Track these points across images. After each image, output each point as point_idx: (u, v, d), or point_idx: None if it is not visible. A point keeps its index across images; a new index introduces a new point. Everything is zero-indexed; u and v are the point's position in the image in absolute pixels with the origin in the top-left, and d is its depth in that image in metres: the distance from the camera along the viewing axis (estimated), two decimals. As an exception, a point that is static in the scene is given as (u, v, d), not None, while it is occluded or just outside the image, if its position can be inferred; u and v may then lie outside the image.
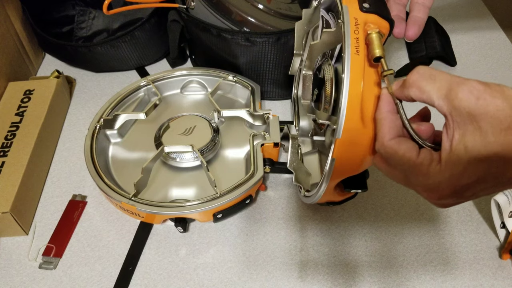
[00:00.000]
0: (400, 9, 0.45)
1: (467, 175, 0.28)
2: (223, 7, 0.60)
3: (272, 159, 0.56)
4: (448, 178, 0.29)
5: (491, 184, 0.28)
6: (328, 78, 0.46)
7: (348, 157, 0.37)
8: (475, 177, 0.28)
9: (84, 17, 0.79)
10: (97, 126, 0.57)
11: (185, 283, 0.49)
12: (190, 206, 0.49)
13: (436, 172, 0.29)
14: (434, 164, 0.29)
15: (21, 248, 0.52)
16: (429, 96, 0.30)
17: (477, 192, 0.29)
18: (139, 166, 0.52)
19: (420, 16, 0.44)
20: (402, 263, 0.51)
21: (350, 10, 0.37)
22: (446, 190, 0.29)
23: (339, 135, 0.35)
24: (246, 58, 0.62)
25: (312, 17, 0.52)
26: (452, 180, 0.29)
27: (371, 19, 0.37)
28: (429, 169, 0.30)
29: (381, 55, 0.34)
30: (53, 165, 0.61)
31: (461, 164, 0.28)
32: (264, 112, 0.58)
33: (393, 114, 0.33)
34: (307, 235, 0.53)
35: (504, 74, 0.73)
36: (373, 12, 0.37)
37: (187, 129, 0.57)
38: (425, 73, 0.31)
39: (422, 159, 0.30)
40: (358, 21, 0.36)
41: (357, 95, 0.34)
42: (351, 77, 0.34)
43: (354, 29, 0.36)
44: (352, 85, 0.34)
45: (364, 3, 0.37)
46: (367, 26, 0.36)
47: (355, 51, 0.35)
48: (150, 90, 0.64)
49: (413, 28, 0.44)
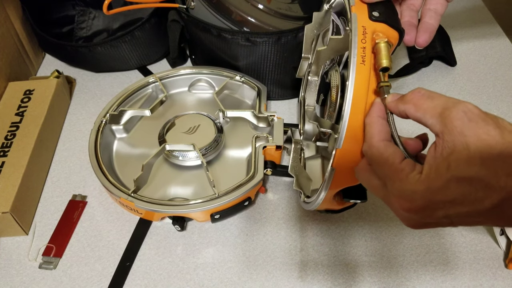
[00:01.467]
0: (412, 15, 0.45)
1: (444, 192, 0.27)
2: (223, 7, 0.60)
3: (274, 162, 0.56)
4: (424, 189, 0.28)
5: (467, 210, 0.27)
6: (334, 85, 0.46)
7: (348, 167, 0.36)
8: (451, 196, 0.27)
9: (84, 17, 0.79)
10: (103, 121, 0.57)
11: (185, 283, 0.49)
12: (187, 206, 0.49)
13: (415, 180, 0.29)
14: (414, 173, 0.29)
15: (21, 248, 0.52)
16: (424, 114, 0.30)
17: (450, 214, 0.28)
18: (141, 163, 0.52)
19: (431, 23, 0.44)
20: (402, 263, 0.51)
21: (359, 18, 0.36)
22: (419, 201, 0.28)
23: (340, 145, 0.34)
24: (246, 58, 0.62)
25: (323, 21, 0.51)
26: (428, 193, 0.28)
27: (380, 28, 0.36)
28: (409, 176, 0.29)
29: (388, 65, 0.34)
30: (53, 165, 0.61)
31: (441, 179, 0.27)
32: (269, 114, 0.58)
33: (383, 120, 0.33)
34: (307, 235, 0.53)
35: (504, 74, 0.73)
36: (382, 21, 0.36)
37: (191, 128, 0.58)
38: (425, 93, 0.31)
39: (405, 165, 0.30)
40: (367, 30, 0.35)
41: (360, 106, 0.34)
42: (355, 87, 0.34)
43: (361, 38, 0.35)
44: (355, 95, 0.34)
45: (374, 11, 0.37)
46: (376, 35, 0.35)
47: (361, 60, 0.34)
48: (158, 87, 0.64)
49: (424, 35, 0.43)
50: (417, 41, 0.44)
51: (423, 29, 0.44)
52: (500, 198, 0.26)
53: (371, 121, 0.33)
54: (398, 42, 0.39)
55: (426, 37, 0.43)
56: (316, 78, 0.51)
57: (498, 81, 0.72)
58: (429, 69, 0.74)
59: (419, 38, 0.43)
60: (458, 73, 0.74)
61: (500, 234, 0.50)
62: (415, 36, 0.44)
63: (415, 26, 0.44)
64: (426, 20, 0.44)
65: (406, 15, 0.45)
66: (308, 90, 0.54)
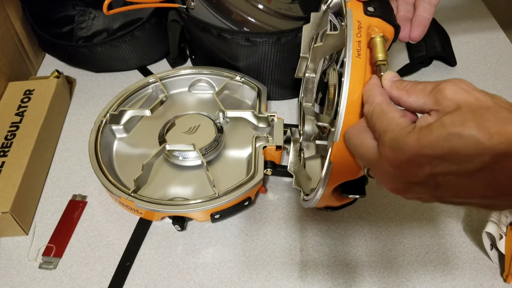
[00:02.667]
0: (408, 9, 0.45)
1: (433, 146, 0.26)
2: (223, 7, 0.60)
3: (274, 162, 0.56)
4: (414, 141, 0.27)
5: (455, 168, 0.26)
6: (331, 84, 0.46)
7: (346, 161, 0.36)
8: (440, 151, 0.26)
9: (84, 17, 0.79)
10: (103, 121, 0.57)
11: (185, 283, 0.49)
12: (187, 205, 0.49)
13: (407, 132, 0.28)
14: (408, 127, 0.29)
15: (21, 248, 0.52)
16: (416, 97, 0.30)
17: (437, 172, 0.27)
18: (141, 163, 0.52)
19: (425, 16, 0.44)
20: (402, 263, 0.51)
21: (354, 14, 0.37)
22: (407, 152, 0.28)
23: (337, 138, 0.35)
24: (246, 58, 0.62)
25: (321, 21, 0.51)
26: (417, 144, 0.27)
27: (375, 23, 0.37)
28: (402, 128, 0.29)
29: (383, 59, 0.34)
30: (53, 165, 0.61)
31: (431, 134, 0.27)
32: (269, 114, 0.58)
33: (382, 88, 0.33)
34: (307, 235, 0.53)
35: (504, 74, 0.73)
36: (377, 16, 0.37)
37: (192, 128, 0.58)
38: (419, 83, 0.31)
39: (402, 120, 0.30)
40: (362, 24, 0.36)
41: (357, 98, 0.34)
42: (351, 80, 0.34)
43: (356, 32, 0.35)
44: (352, 88, 0.34)
45: (369, 6, 0.37)
46: (371, 30, 0.36)
47: (356, 54, 0.34)
48: (158, 87, 0.64)
49: (417, 29, 0.43)
50: (411, 36, 0.44)
51: (416, 23, 0.44)
52: (490, 158, 0.25)
53: (370, 88, 0.33)
54: (394, 38, 0.39)
55: (420, 31, 0.44)
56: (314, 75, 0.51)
57: (498, 81, 0.72)
58: (429, 69, 0.74)
59: (413, 32, 0.44)
60: (458, 73, 0.74)
61: (490, 249, 0.50)
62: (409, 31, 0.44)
63: (409, 20, 0.44)
64: (419, 13, 0.44)
65: (402, 9, 0.45)
66: (307, 88, 0.54)
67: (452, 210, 0.55)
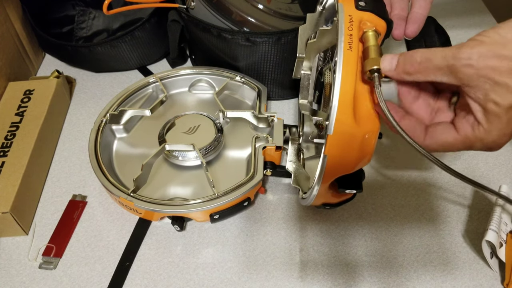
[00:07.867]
0: (403, 7, 0.45)
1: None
2: (223, 7, 0.60)
3: (274, 163, 0.56)
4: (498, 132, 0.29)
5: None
6: (327, 82, 0.46)
7: (341, 154, 0.36)
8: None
9: (84, 17, 0.79)
10: (103, 121, 0.57)
11: (185, 283, 0.49)
12: (187, 206, 0.49)
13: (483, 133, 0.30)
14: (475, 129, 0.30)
15: (21, 248, 0.52)
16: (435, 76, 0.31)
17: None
18: (141, 163, 0.52)
19: (420, 12, 0.44)
20: (402, 263, 0.51)
21: (345, 8, 0.37)
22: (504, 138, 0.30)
23: (331, 130, 0.34)
24: (246, 58, 0.62)
25: (317, 22, 0.51)
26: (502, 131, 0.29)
27: (366, 17, 0.37)
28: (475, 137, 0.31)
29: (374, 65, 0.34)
30: (53, 165, 0.61)
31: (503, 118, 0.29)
32: (269, 115, 0.57)
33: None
34: (307, 235, 0.53)
35: (504, 74, 0.73)
36: (369, 10, 0.37)
37: (191, 128, 0.58)
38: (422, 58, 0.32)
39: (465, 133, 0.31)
40: (353, 18, 0.36)
41: (349, 90, 0.34)
42: (343, 72, 0.34)
43: (348, 26, 0.36)
44: (344, 80, 0.34)
45: (361, 1, 0.38)
46: (363, 24, 0.36)
47: (348, 47, 0.35)
48: (158, 87, 0.64)
49: (412, 26, 0.44)
50: (406, 32, 0.44)
51: (412, 20, 0.44)
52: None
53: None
54: (387, 33, 0.39)
55: (415, 28, 0.44)
56: (309, 72, 0.51)
57: (498, 81, 0.72)
58: (429, 69, 0.74)
59: (408, 29, 0.44)
60: (458, 73, 0.73)
61: (490, 258, 0.49)
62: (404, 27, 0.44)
63: (404, 19, 0.44)
64: (415, 10, 0.44)
65: (396, 7, 0.45)
66: (302, 86, 0.54)
67: (452, 210, 0.56)
